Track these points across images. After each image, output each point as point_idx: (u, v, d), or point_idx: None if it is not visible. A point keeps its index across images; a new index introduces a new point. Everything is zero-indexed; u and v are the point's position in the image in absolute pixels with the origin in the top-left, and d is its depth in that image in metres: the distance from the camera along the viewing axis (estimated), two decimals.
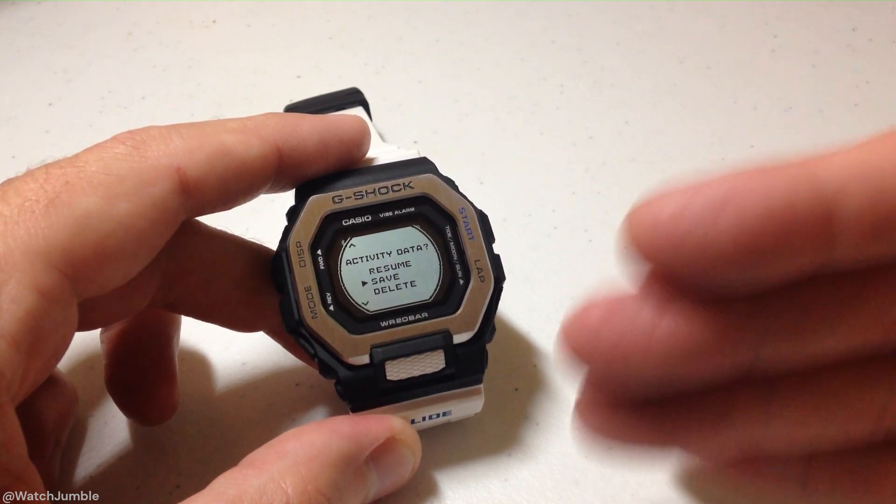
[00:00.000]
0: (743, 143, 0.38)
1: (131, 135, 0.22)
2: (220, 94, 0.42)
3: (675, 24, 0.45)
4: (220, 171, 0.22)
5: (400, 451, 0.24)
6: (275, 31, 0.46)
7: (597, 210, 0.35)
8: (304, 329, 0.24)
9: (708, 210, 0.17)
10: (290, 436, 0.22)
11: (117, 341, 0.27)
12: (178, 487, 0.27)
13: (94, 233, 0.20)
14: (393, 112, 0.40)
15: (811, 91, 0.40)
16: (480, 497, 0.26)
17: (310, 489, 0.21)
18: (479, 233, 0.25)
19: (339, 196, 0.25)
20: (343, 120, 0.26)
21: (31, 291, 0.18)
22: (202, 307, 0.26)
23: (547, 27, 0.45)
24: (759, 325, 0.18)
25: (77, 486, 0.27)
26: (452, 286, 0.25)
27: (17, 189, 0.20)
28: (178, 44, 0.45)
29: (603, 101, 0.40)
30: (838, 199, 0.17)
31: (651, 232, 0.17)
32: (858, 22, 0.44)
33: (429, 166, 0.26)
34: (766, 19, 0.45)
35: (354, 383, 0.24)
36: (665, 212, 0.17)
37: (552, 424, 0.28)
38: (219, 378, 0.30)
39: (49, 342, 0.19)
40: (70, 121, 0.41)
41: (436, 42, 0.45)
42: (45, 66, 0.44)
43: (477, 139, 0.39)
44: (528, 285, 0.32)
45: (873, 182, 0.17)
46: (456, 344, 0.24)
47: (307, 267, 0.24)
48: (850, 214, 0.17)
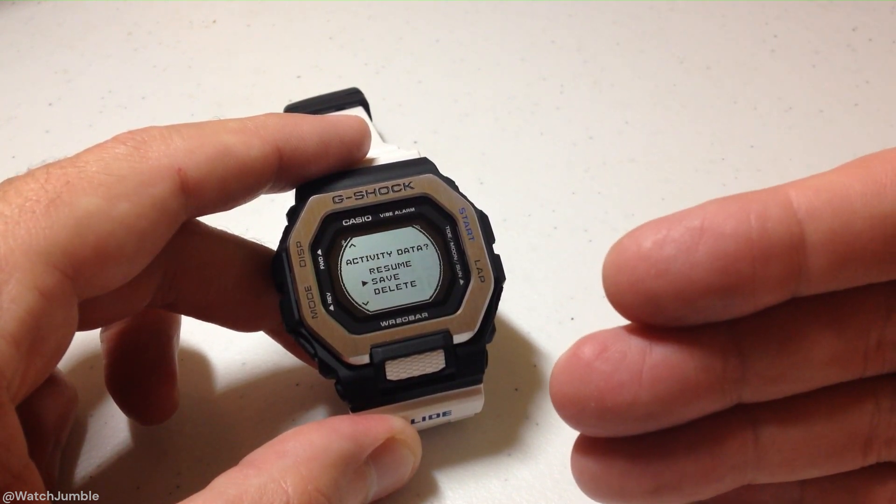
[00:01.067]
0: (743, 143, 0.38)
1: (132, 135, 0.22)
2: (220, 94, 0.42)
3: (675, 24, 0.45)
4: (220, 171, 0.22)
5: (400, 451, 0.24)
6: (275, 31, 0.46)
7: (597, 210, 0.35)
8: (305, 329, 0.24)
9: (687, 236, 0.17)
10: (291, 435, 0.22)
11: (117, 341, 0.27)
12: (178, 487, 0.27)
13: (95, 233, 0.20)
14: (393, 112, 0.40)
15: (811, 91, 0.40)
16: (480, 497, 0.26)
17: (310, 489, 0.21)
18: (479, 233, 0.25)
19: (340, 196, 0.25)
20: (343, 120, 0.26)
21: (31, 291, 0.18)
22: (202, 307, 0.26)
23: (547, 27, 0.45)
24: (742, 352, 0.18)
25: (77, 486, 0.27)
26: (452, 286, 0.25)
27: (17, 189, 0.20)
28: (178, 44, 0.45)
29: (603, 101, 0.41)
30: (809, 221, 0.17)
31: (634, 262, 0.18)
32: (858, 22, 0.44)
33: (429, 166, 0.26)
34: (766, 19, 0.45)
35: (354, 383, 0.24)
36: (647, 241, 0.18)
37: (552, 424, 0.28)
38: (219, 378, 0.30)
39: (49, 342, 0.19)
40: (70, 121, 0.41)
41: (436, 42, 0.45)
42: (45, 66, 0.44)
43: (477, 139, 0.39)
44: (528, 285, 0.32)
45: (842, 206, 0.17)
46: (456, 344, 0.24)
47: (307, 267, 0.24)
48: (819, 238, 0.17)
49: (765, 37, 0.44)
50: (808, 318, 0.19)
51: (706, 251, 0.17)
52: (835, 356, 0.19)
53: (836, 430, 0.20)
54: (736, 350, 0.19)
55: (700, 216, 0.18)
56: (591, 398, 0.18)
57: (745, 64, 0.42)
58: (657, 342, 0.18)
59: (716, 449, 0.19)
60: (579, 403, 0.18)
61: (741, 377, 0.19)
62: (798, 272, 0.17)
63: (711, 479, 0.19)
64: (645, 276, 0.17)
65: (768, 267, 0.17)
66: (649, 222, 0.18)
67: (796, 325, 0.19)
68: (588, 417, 0.18)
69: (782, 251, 0.17)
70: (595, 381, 0.18)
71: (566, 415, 0.19)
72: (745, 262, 0.17)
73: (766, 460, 0.20)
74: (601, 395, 0.18)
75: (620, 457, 0.19)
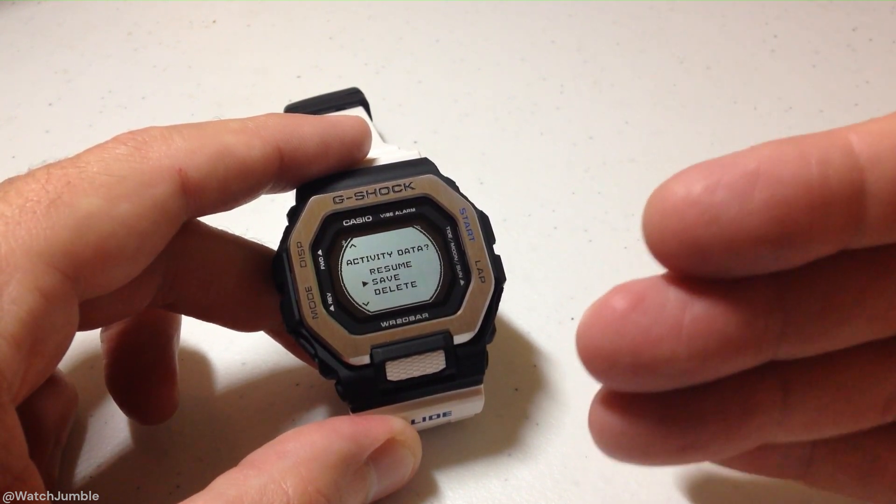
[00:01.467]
0: (743, 144, 0.37)
1: (132, 135, 0.22)
2: (220, 94, 0.42)
3: (675, 24, 0.45)
4: (221, 172, 0.22)
5: (400, 451, 0.24)
6: (275, 31, 0.46)
7: (597, 210, 0.35)
8: (305, 329, 0.24)
9: (741, 183, 0.16)
10: (291, 436, 0.22)
11: (117, 341, 0.27)
12: (178, 487, 0.27)
13: (96, 233, 0.20)
14: (393, 112, 0.40)
15: (811, 91, 0.40)
16: (480, 497, 0.26)
17: (310, 490, 0.21)
18: (479, 233, 0.25)
19: (340, 196, 0.25)
20: (344, 120, 0.26)
21: (32, 292, 0.18)
22: (203, 307, 0.26)
23: (547, 27, 0.45)
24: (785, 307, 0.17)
25: (77, 486, 0.27)
26: (453, 287, 0.25)
27: (18, 189, 0.20)
28: (178, 44, 0.45)
29: (603, 101, 0.41)
30: (872, 169, 0.16)
31: (682, 208, 0.16)
32: (858, 22, 0.44)
33: (429, 167, 0.26)
34: (766, 19, 0.45)
35: (355, 383, 0.24)
36: (697, 185, 0.16)
37: (552, 424, 0.28)
38: (219, 378, 0.30)
39: (50, 343, 0.19)
40: (70, 121, 0.41)
41: (436, 42, 0.45)
42: (45, 66, 0.44)
43: (477, 139, 0.39)
44: (528, 285, 0.32)
45: None
46: (456, 344, 0.24)
47: (308, 267, 0.24)
48: (882, 187, 0.16)
49: (765, 37, 0.44)
50: (855, 272, 0.17)
51: (762, 198, 0.16)
52: (875, 314, 0.18)
53: (862, 389, 0.19)
54: (780, 305, 0.17)
55: (755, 160, 0.16)
56: (625, 352, 0.17)
57: (745, 64, 0.42)
58: (698, 295, 0.17)
59: (745, 408, 0.18)
60: (611, 357, 0.17)
61: (781, 334, 0.17)
62: (856, 223, 0.16)
63: (738, 438, 0.18)
64: (694, 224, 0.16)
65: (828, 217, 0.16)
66: (698, 165, 0.16)
67: (843, 279, 0.17)
68: (620, 372, 0.17)
69: (843, 200, 0.16)
70: (630, 334, 0.17)
71: (595, 369, 0.17)
72: (804, 211, 0.16)
73: (791, 420, 0.19)
74: (636, 349, 0.17)
75: (648, 414, 0.18)
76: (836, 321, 0.18)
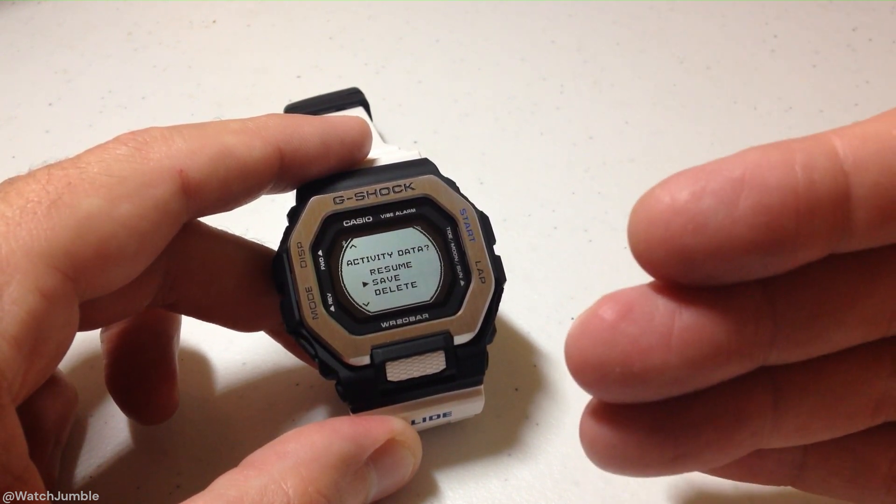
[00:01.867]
0: (743, 144, 0.37)
1: (133, 136, 0.22)
2: (220, 94, 0.42)
3: (675, 24, 0.45)
4: (221, 172, 0.22)
5: (400, 452, 0.24)
6: (275, 31, 0.46)
7: (597, 210, 0.35)
8: (305, 329, 0.24)
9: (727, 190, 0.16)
10: (291, 437, 0.22)
11: (118, 341, 0.27)
12: (178, 487, 0.27)
13: (96, 234, 0.20)
14: (393, 112, 0.40)
15: (811, 91, 0.40)
16: (480, 497, 0.26)
17: (310, 490, 0.21)
18: (479, 234, 0.25)
19: (341, 197, 0.25)
20: (344, 121, 0.26)
21: (32, 293, 0.18)
22: (203, 307, 0.26)
23: (547, 27, 0.45)
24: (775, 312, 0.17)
25: (77, 486, 0.27)
26: (453, 287, 0.25)
27: (18, 190, 0.20)
28: (178, 44, 0.45)
29: (603, 101, 0.41)
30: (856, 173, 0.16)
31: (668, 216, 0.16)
32: (858, 22, 0.44)
33: (430, 167, 0.26)
34: (766, 19, 0.45)
35: (355, 384, 0.24)
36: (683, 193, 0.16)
37: (552, 424, 0.28)
38: (219, 378, 0.30)
39: (50, 343, 0.19)
40: (70, 121, 0.41)
41: (436, 42, 0.45)
42: (45, 66, 0.44)
43: (477, 139, 0.39)
44: (528, 285, 0.32)
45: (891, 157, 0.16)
46: (456, 345, 0.24)
47: (308, 267, 0.24)
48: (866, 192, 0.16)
49: (765, 37, 0.44)
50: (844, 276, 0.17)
51: (748, 205, 0.16)
52: (865, 317, 0.18)
53: (853, 392, 0.19)
54: (769, 311, 0.17)
55: (741, 166, 0.16)
56: (616, 363, 0.17)
57: (745, 64, 0.42)
58: (686, 303, 0.17)
59: (737, 415, 0.18)
60: (601, 368, 0.17)
61: (771, 340, 0.17)
62: (842, 228, 0.16)
63: (731, 446, 0.18)
64: (679, 232, 0.16)
65: (813, 222, 0.16)
66: (683, 172, 0.16)
67: (831, 283, 0.17)
68: (610, 383, 0.17)
69: (829, 205, 0.16)
70: (620, 345, 0.17)
71: (585, 381, 0.17)
72: (790, 217, 0.16)
73: (783, 425, 0.19)
74: (627, 359, 0.17)
75: (640, 425, 0.18)
76: (825, 325, 0.18)
